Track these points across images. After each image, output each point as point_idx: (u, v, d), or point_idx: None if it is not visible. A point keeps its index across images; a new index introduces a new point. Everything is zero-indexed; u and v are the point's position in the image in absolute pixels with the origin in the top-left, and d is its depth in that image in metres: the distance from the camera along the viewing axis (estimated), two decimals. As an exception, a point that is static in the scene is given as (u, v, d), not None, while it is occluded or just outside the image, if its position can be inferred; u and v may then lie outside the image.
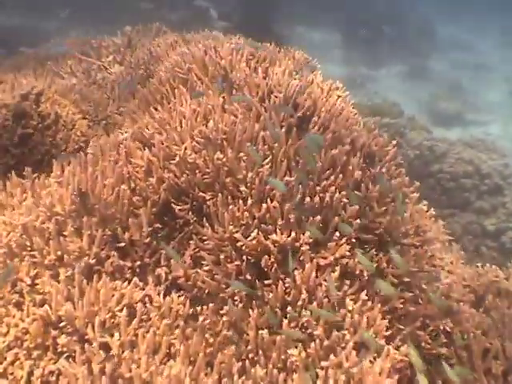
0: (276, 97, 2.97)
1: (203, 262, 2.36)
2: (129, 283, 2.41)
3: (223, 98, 2.97)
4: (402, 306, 2.40)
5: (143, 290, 2.45)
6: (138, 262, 2.48)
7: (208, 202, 2.41)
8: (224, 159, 2.45)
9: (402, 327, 2.42)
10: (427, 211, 3.17)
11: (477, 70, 11.17)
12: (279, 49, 3.86)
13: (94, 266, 2.42)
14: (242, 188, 2.40)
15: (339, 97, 3.13)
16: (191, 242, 2.42)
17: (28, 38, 6.03)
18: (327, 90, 3.16)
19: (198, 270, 2.35)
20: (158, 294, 2.43)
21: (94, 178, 2.55)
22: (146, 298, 2.42)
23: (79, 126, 3.45)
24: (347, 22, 11.61)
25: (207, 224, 2.38)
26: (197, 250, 2.42)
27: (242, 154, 2.48)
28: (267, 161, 2.48)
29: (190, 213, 2.48)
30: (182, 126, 2.70)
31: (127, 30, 4.87)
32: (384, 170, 2.67)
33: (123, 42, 4.83)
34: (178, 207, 2.47)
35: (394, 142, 2.96)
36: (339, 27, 11.85)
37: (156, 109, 3.02)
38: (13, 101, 3.35)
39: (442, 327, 2.53)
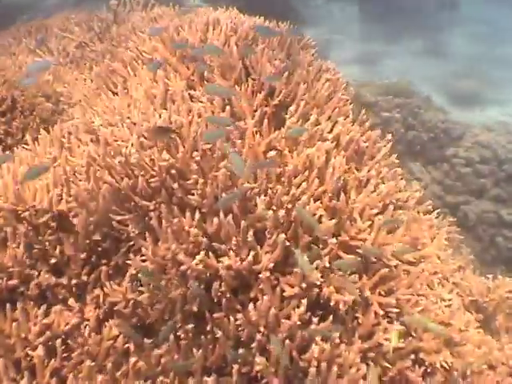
0: (254, 79, 2.45)
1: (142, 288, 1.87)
2: (63, 306, 1.97)
3: (190, 81, 2.46)
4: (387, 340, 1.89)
5: (80, 312, 1.99)
6: (75, 281, 2.01)
7: (151, 213, 1.90)
8: (171, 160, 1.94)
9: (389, 366, 1.92)
10: (428, 212, 2.65)
11: (497, 47, 10.37)
12: (269, 23, 3.32)
13: (18, 287, 1.95)
14: (193, 197, 1.90)
15: (328, 80, 2.59)
16: (131, 261, 1.93)
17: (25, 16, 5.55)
18: (315, 73, 2.62)
19: (136, 298, 1.86)
20: (97, 320, 1.97)
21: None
22: (83, 326, 1.96)
23: (39, 111, 2.96)
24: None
25: (149, 240, 1.88)
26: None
27: (195, 154, 1.96)
28: (225, 162, 1.96)
29: (132, 225, 1.97)
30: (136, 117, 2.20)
31: (113, 4, 4.34)
32: (374, 172, 2.13)
33: (108, 17, 4.31)
34: (118, 217, 1.97)
35: (389, 137, 2.42)
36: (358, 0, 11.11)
37: (116, 93, 2.52)
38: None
39: (438, 364, 2.01)
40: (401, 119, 6.20)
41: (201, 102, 2.25)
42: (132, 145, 2.03)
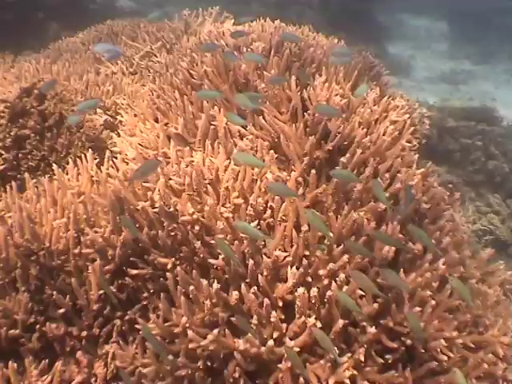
0: (310, 115, 2.15)
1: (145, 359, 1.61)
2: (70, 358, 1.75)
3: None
4: None
5: (88, 368, 1.77)
6: (85, 333, 1.78)
7: (168, 273, 1.64)
8: (194, 215, 1.67)
9: None
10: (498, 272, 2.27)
11: None
12: (343, 44, 3.01)
13: (21, 336, 1.74)
14: (216, 261, 1.62)
15: (394, 122, 2.25)
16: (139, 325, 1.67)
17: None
18: (380, 112, 2.29)
19: (141, 369, 1.60)
20: (104, 379, 1.74)
21: (43, 216, 1.86)
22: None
23: (87, 129, 2.76)
24: (454, 11, 10.12)
25: (162, 303, 1.62)
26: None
27: (224, 209, 1.69)
28: (255, 223, 1.67)
29: (148, 282, 1.72)
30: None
31: (185, 14, 4.13)
32: (432, 241, 1.78)
33: (179, 27, 4.10)
34: (134, 271, 1.72)
35: (458, 195, 2.06)
36: (445, 16, 10.39)
37: (156, 121, 2.29)
38: (13, 95, 2.72)
39: None
40: (482, 147, 5.72)
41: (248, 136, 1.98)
42: (159, 190, 1.78)
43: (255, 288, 1.53)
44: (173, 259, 1.67)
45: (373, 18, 8.89)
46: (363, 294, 1.59)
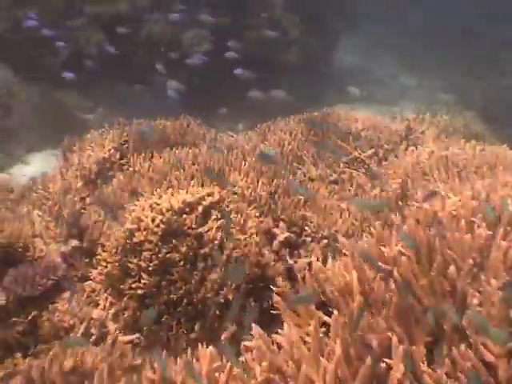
0: None
1: None
2: None
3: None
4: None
5: None
6: None
7: None
8: None
9: None
10: None
11: None
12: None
13: None
14: None
15: None
16: None
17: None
18: None
19: None
20: None
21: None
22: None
23: (251, 264, 2.21)
24: None
25: None
26: None
27: None
28: None
29: None
30: None
31: (407, 116, 3.40)
32: None
33: (398, 131, 3.38)
34: None
35: None
36: None
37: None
38: (174, 208, 2.28)
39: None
40: None
41: None
42: None
43: None
44: None
45: None
46: None
